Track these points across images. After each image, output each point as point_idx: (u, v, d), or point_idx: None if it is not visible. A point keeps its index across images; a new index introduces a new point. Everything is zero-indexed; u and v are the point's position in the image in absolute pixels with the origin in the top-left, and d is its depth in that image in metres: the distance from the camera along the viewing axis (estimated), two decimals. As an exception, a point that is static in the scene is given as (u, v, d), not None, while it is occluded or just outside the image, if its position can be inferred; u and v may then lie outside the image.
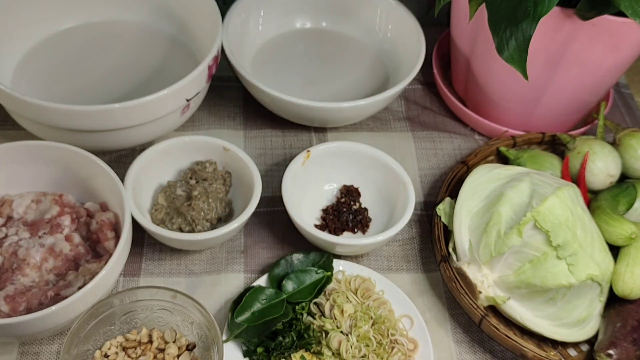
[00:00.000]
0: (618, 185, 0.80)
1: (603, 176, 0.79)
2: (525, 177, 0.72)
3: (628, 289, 0.70)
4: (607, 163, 0.79)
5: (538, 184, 0.71)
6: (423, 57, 0.89)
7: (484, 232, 0.70)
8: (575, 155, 0.80)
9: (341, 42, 1.00)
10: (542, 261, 0.67)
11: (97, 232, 0.72)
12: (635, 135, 0.81)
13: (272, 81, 0.92)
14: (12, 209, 0.73)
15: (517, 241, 0.68)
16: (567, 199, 0.69)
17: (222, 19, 0.84)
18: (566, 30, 0.74)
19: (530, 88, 0.82)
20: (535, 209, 0.68)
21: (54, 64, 0.89)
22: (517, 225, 0.68)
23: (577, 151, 0.80)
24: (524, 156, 0.83)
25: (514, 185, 0.71)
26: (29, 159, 0.73)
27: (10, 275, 0.68)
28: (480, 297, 0.71)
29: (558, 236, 0.67)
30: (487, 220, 0.70)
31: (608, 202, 0.75)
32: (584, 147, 0.80)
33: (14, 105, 0.74)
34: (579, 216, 0.70)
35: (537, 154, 0.83)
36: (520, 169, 0.77)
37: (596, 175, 0.79)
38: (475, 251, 0.71)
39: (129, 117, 0.74)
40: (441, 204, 0.78)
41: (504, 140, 0.86)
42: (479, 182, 0.75)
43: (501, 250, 0.69)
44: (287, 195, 0.76)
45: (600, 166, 0.79)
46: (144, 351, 0.66)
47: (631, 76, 1.06)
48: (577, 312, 0.69)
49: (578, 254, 0.67)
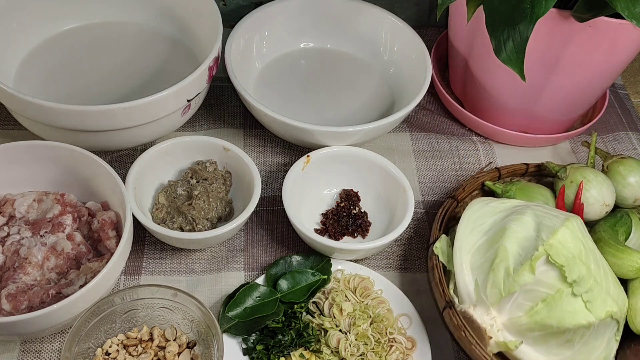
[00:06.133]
0: (613, 215, 0.76)
1: (599, 205, 0.76)
2: (526, 209, 0.68)
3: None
4: (602, 191, 0.76)
5: (542, 216, 0.67)
6: (430, 78, 0.87)
7: (490, 270, 0.64)
8: (568, 185, 0.77)
9: (346, 63, 0.98)
10: (557, 299, 0.62)
11: (99, 231, 0.72)
12: (623, 162, 0.79)
13: (274, 103, 0.90)
14: (14, 208, 0.74)
15: (529, 278, 0.62)
16: (577, 231, 0.65)
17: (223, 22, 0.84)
18: (563, 32, 0.75)
19: (528, 89, 0.83)
20: (547, 242, 0.63)
21: (56, 64, 0.90)
22: (529, 260, 0.62)
23: (569, 180, 0.77)
24: (512, 189, 0.79)
25: (517, 218, 0.66)
26: (31, 159, 0.74)
27: (12, 273, 0.68)
28: (490, 343, 0.65)
29: (573, 271, 0.62)
30: (492, 257, 0.65)
31: (609, 233, 0.71)
32: (576, 175, 0.77)
33: (16, 105, 0.75)
34: (590, 249, 0.65)
35: (525, 186, 0.79)
36: (517, 202, 0.72)
37: (592, 205, 0.76)
38: (482, 292, 0.65)
39: (130, 118, 0.74)
40: (437, 243, 0.72)
41: (489, 173, 0.82)
42: (477, 217, 0.70)
43: (512, 289, 0.63)
44: (288, 199, 0.76)
45: (595, 195, 0.76)
46: (145, 349, 0.66)
47: (627, 77, 1.07)
48: (595, 354, 0.64)
49: (594, 289, 0.62)
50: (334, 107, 0.92)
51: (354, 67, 0.98)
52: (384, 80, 0.96)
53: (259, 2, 0.99)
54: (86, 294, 0.63)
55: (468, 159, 0.91)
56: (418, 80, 0.88)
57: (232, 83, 0.83)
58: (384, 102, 0.93)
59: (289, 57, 0.98)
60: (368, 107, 0.93)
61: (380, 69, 0.97)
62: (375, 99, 0.94)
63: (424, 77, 0.87)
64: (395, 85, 0.94)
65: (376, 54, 0.97)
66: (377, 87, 0.95)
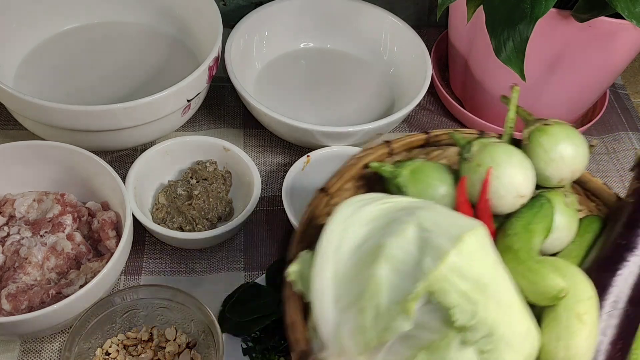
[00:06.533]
0: (530, 205, 0.58)
1: (511, 197, 0.57)
2: (410, 216, 0.49)
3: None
4: (517, 179, 0.57)
5: (430, 229, 0.47)
6: (430, 78, 0.87)
7: (357, 309, 0.46)
8: (474, 169, 0.58)
9: (346, 63, 0.98)
10: (443, 349, 0.45)
11: (99, 231, 0.72)
12: (547, 130, 0.60)
13: (274, 103, 0.89)
14: (14, 208, 0.74)
15: (405, 325, 0.44)
16: (475, 252, 0.47)
17: (223, 22, 0.84)
18: (563, 32, 0.75)
19: (528, 89, 0.83)
20: (430, 274, 0.44)
21: (55, 64, 0.90)
22: (405, 301, 0.44)
23: (475, 163, 0.58)
24: (403, 173, 0.59)
25: (397, 230, 0.48)
26: (31, 159, 0.74)
27: (12, 273, 0.68)
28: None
29: (464, 312, 0.45)
30: (361, 289, 0.46)
31: (520, 238, 0.55)
32: (484, 157, 0.58)
33: (16, 105, 0.75)
34: (491, 276, 0.47)
35: (420, 168, 0.60)
36: (403, 201, 0.52)
37: (503, 198, 0.57)
38: (348, 337, 0.46)
39: (130, 118, 0.74)
40: (295, 264, 0.51)
41: (377, 149, 0.61)
42: (347, 226, 0.50)
43: (384, 337, 0.45)
44: (287, 199, 0.76)
45: (506, 184, 0.57)
46: (145, 349, 0.66)
47: (627, 77, 1.07)
48: None
49: (493, 335, 0.45)
50: (334, 107, 0.92)
51: (354, 67, 0.98)
52: (384, 80, 0.96)
53: (259, 2, 0.99)
54: (86, 294, 0.63)
55: (468, 159, 0.91)
56: (418, 80, 0.88)
57: (232, 83, 0.83)
58: (384, 102, 0.93)
59: (289, 57, 0.98)
60: (368, 107, 0.93)
61: (380, 69, 0.97)
62: (375, 99, 0.94)
63: (424, 77, 0.87)
64: (395, 85, 0.94)
65: (376, 54, 0.97)
66: (377, 87, 0.95)
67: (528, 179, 0.58)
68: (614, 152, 0.94)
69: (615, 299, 0.54)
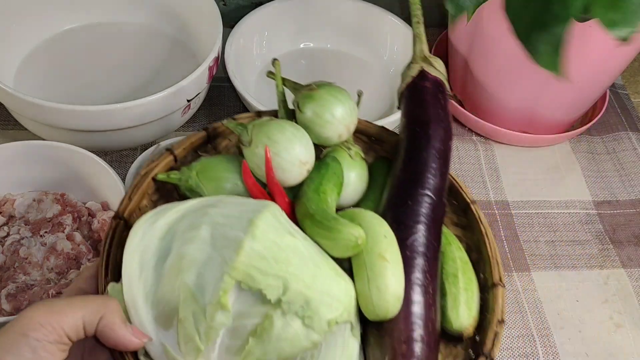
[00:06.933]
0: (317, 169, 0.60)
1: (296, 168, 0.58)
2: (202, 217, 0.50)
3: (383, 311, 0.52)
4: (294, 150, 0.58)
5: (222, 224, 0.49)
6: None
7: (179, 321, 0.47)
8: (254, 152, 0.58)
9: (346, 63, 0.98)
10: (269, 329, 0.47)
11: (99, 231, 0.72)
12: (314, 95, 0.62)
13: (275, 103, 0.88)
14: (14, 208, 0.74)
15: (225, 318, 0.47)
16: (269, 232, 0.49)
17: (223, 22, 0.84)
18: (563, 32, 0.75)
19: (528, 89, 0.83)
20: (232, 265, 0.46)
21: (55, 64, 0.90)
22: (217, 297, 0.46)
23: (254, 146, 0.58)
24: (191, 175, 0.59)
25: (192, 237, 0.49)
26: (30, 159, 0.74)
27: (12, 273, 0.68)
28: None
29: (275, 289, 0.47)
30: (175, 302, 0.47)
31: (314, 202, 0.57)
32: (260, 137, 0.58)
33: (16, 105, 0.75)
34: (290, 248, 0.49)
35: (207, 165, 0.60)
36: (194, 203, 0.52)
37: (288, 171, 0.58)
38: (176, 351, 0.48)
39: (130, 118, 0.74)
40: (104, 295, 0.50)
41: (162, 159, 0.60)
42: (145, 247, 0.50)
43: (210, 337, 0.47)
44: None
45: (286, 157, 0.58)
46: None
47: (627, 77, 1.07)
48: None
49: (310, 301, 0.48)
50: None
51: (354, 67, 0.98)
52: (384, 80, 0.96)
53: (259, 2, 0.99)
54: (86, 294, 0.63)
55: (468, 159, 0.91)
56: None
57: (232, 83, 0.83)
58: (384, 102, 0.93)
59: (289, 57, 0.98)
60: (368, 107, 0.93)
61: (380, 69, 0.97)
62: (375, 99, 0.94)
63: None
64: (395, 85, 0.94)
65: (376, 54, 0.97)
66: (377, 87, 0.95)
67: (304, 146, 0.59)
68: (614, 152, 0.94)
69: (413, 230, 0.56)
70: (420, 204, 0.58)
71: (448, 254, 0.61)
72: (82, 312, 0.45)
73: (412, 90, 0.66)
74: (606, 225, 0.85)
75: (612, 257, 0.81)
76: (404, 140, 0.63)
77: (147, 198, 0.59)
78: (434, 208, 0.58)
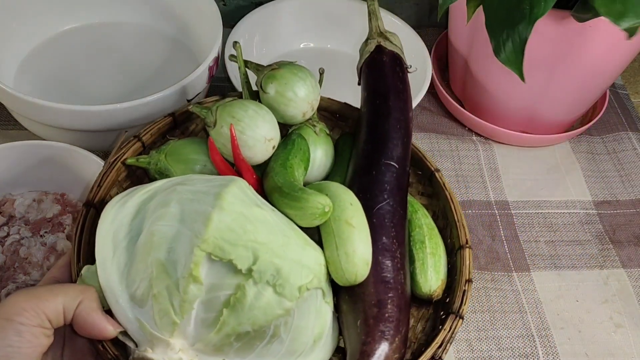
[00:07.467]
0: (283, 145, 0.62)
1: (261, 144, 0.60)
2: (170, 195, 0.51)
3: (352, 275, 0.54)
4: (258, 127, 0.60)
5: (190, 199, 0.50)
6: (430, 78, 0.87)
7: (153, 297, 0.48)
8: (220, 132, 0.60)
9: (346, 63, 0.98)
10: (242, 299, 0.48)
11: (99, 231, 0.72)
12: (276, 75, 0.63)
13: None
14: (14, 208, 0.74)
15: (198, 291, 0.48)
16: (235, 205, 0.50)
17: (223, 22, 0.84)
18: (563, 32, 0.75)
19: (528, 89, 0.83)
20: (201, 238, 0.47)
21: (55, 64, 0.90)
22: (189, 270, 0.47)
23: (220, 126, 0.60)
24: (160, 158, 0.62)
25: (162, 215, 0.50)
26: (30, 159, 0.74)
27: (12, 273, 0.68)
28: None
29: (245, 259, 0.48)
30: (149, 279, 0.48)
31: (281, 176, 0.58)
32: (224, 117, 0.60)
33: (16, 105, 0.75)
34: (258, 219, 0.51)
35: (175, 148, 0.62)
36: (163, 184, 0.54)
37: (254, 148, 0.60)
38: (153, 326, 0.48)
39: (130, 117, 0.74)
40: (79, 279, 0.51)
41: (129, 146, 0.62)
42: (117, 227, 0.51)
43: (185, 310, 0.48)
44: None
45: (252, 134, 0.59)
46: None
47: (627, 77, 1.07)
48: (308, 335, 0.52)
49: (280, 269, 0.49)
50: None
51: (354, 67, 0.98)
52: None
53: (259, 2, 0.99)
54: (86, 294, 0.63)
55: (468, 159, 0.91)
56: (418, 80, 0.88)
57: (232, 83, 0.83)
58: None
59: (289, 57, 0.98)
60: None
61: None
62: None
63: (424, 77, 0.87)
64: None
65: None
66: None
67: (268, 123, 0.61)
68: (614, 152, 0.94)
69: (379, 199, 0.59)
70: (384, 173, 0.60)
71: (415, 222, 0.63)
72: (63, 298, 0.47)
73: (370, 64, 0.68)
74: (606, 225, 0.85)
75: (612, 257, 0.81)
76: (365, 113, 0.65)
77: (117, 185, 0.61)
78: (398, 176, 0.60)
